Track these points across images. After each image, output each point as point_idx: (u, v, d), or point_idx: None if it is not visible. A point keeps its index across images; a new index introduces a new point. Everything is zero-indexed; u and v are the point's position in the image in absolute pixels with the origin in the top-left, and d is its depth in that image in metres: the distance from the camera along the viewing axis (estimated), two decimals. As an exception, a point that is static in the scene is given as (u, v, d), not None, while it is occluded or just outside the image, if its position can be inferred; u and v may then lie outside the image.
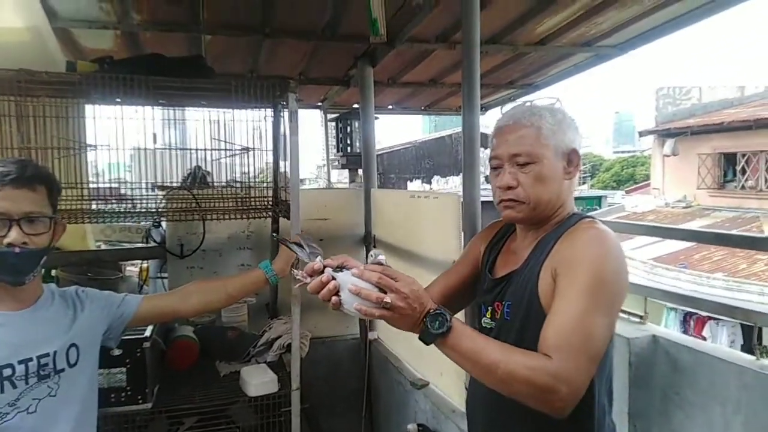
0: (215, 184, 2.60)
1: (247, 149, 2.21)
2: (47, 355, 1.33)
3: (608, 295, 1.08)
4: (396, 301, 1.02)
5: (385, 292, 1.02)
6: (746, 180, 10.97)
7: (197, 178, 2.68)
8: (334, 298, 1.06)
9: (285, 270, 1.99)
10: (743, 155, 10.99)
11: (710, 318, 7.41)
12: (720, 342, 7.51)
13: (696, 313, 7.42)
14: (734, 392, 1.94)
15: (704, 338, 7.63)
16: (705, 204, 11.39)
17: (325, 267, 1.09)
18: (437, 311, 1.05)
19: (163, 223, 2.77)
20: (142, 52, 2.77)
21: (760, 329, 2.01)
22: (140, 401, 1.96)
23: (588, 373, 1.03)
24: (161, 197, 2.43)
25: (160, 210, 2.43)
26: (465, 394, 1.98)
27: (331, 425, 2.84)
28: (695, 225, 9.78)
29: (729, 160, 11.44)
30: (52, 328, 1.38)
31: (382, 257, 1.10)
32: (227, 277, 2.16)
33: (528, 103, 1.29)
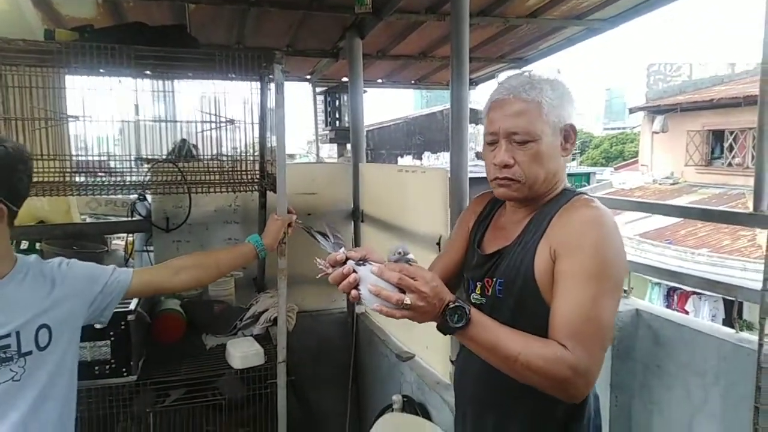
0: (202, 157, 2.57)
1: (231, 121, 2.17)
2: (8, 336, 1.24)
3: (612, 278, 1.08)
4: (416, 301, 1.00)
5: (404, 292, 1.01)
6: (733, 157, 11.04)
7: (183, 151, 2.65)
8: (353, 292, 1.06)
9: (274, 245, 1.99)
10: (731, 132, 11.04)
11: (693, 293, 7.54)
12: (702, 316, 7.66)
13: (679, 288, 7.54)
14: (713, 364, 1.98)
15: (687, 312, 7.77)
16: (692, 181, 11.48)
17: (347, 259, 1.09)
18: (456, 305, 1.03)
19: (149, 197, 2.75)
20: (124, 21, 2.70)
21: (740, 304, 2.04)
22: (125, 374, 1.97)
23: (601, 362, 1.05)
24: (147, 170, 2.40)
25: (145, 183, 2.41)
26: (450, 367, 2.02)
27: (318, 397, 2.88)
28: (682, 201, 9.87)
29: (717, 137, 11.49)
30: (19, 307, 1.27)
31: (411, 255, 1.08)
32: (217, 251, 2.17)
33: (527, 73, 1.20)
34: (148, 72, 2.44)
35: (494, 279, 1.22)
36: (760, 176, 2.05)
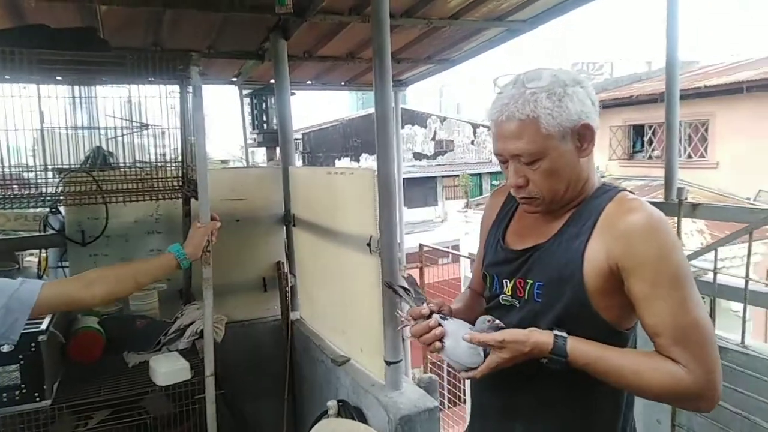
0: (119, 165, 2.45)
1: (146, 126, 2.07)
2: None
3: (690, 277, 1.04)
4: (499, 359, 1.07)
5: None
6: (653, 150, 11.70)
7: (98, 159, 2.51)
8: (437, 344, 1.12)
9: (197, 253, 1.91)
10: (650, 127, 11.70)
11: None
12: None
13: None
14: (639, 346, 2.06)
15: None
16: (616, 174, 12.07)
17: (431, 313, 1.15)
18: (551, 356, 1.04)
19: (62, 209, 2.58)
20: (25, 23, 2.52)
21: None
22: (37, 398, 1.84)
23: (717, 364, 1.00)
24: (59, 181, 2.26)
25: (57, 195, 2.26)
26: (385, 368, 2.01)
27: (254, 409, 2.80)
28: (607, 194, 10.33)
29: (638, 131, 12.14)
30: None
31: (498, 322, 1.13)
32: (134, 263, 2.06)
33: (520, 80, 1.09)
34: (59, 78, 2.30)
35: (529, 281, 1.14)
36: (669, 167, 2.17)
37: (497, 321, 1.11)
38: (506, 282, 1.19)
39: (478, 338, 1.08)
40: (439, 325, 1.13)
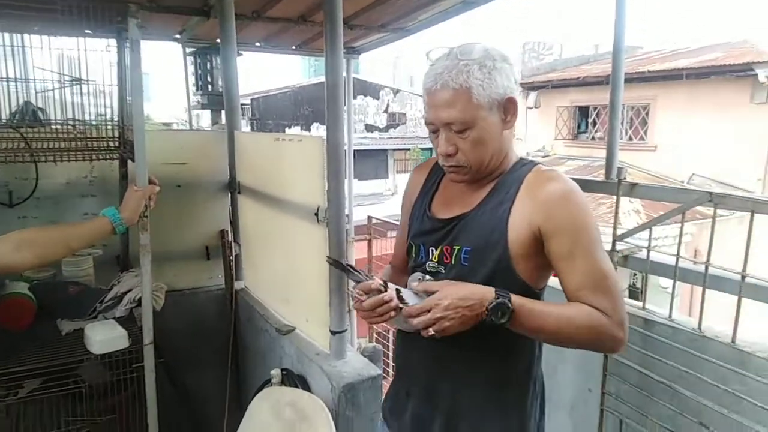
0: (51, 122, 2.30)
1: (79, 81, 1.94)
2: None
3: (599, 235, 1.16)
4: (443, 313, 1.07)
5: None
6: (596, 131, 12.09)
7: (26, 115, 2.35)
8: (391, 313, 1.12)
9: (133, 218, 1.83)
10: (594, 108, 12.05)
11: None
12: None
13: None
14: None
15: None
16: (561, 154, 12.43)
17: (383, 285, 1.13)
18: (496, 303, 1.07)
19: (-14, 168, 2.41)
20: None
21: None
22: (-41, 368, 1.73)
23: (625, 309, 1.13)
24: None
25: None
26: (329, 337, 2.01)
27: (196, 378, 2.76)
28: (552, 172, 10.64)
29: (583, 112, 12.49)
30: None
31: (428, 277, 1.15)
32: (66, 225, 1.96)
33: (454, 52, 1.15)
34: (-17, 24, 2.12)
35: (457, 247, 1.20)
36: (611, 147, 2.23)
37: (428, 276, 1.18)
38: (432, 250, 1.25)
39: (426, 286, 1.12)
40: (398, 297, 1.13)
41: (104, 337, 1.95)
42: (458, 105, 1.12)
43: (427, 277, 1.19)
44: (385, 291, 1.12)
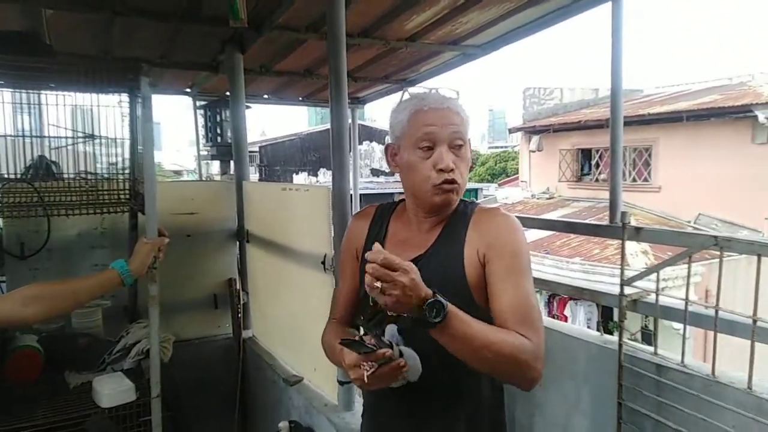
0: (63, 175, 2.35)
1: (92, 136, 2.00)
2: None
3: (530, 270, 1.23)
4: (392, 290, 1.03)
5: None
6: (600, 173, 12.17)
7: (40, 169, 2.41)
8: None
9: (141, 270, 1.84)
10: (597, 151, 12.17)
11: (571, 298, 8.14)
12: (578, 320, 8.28)
13: (558, 295, 8.10)
14: (583, 366, 2.12)
15: (566, 317, 8.38)
16: (566, 195, 12.48)
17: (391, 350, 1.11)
18: (434, 299, 1.05)
19: (0, 221, 2.45)
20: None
21: (609, 307, 2.22)
22: (-34, 423, 1.72)
23: (544, 346, 1.16)
24: (-4, 191, 2.15)
25: (-7, 205, 2.15)
26: (338, 388, 1.98)
27: (203, 429, 2.71)
28: (557, 214, 10.67)
29: (585, 155, 12.61)
30: None
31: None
32: (74, 279, 1.96)
33: (438, 91, 1.28)
34: (0, 82, 2.20)
35: None
36: (614, 191, 2.25)
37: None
38: None
39: (388, 258, 1.04)
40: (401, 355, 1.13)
41: (112, 390, 1.93)
42: (461, 125, 1.23)
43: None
44: (395, 356, 1.11)
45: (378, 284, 1.03)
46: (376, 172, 18.33)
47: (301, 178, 17.63)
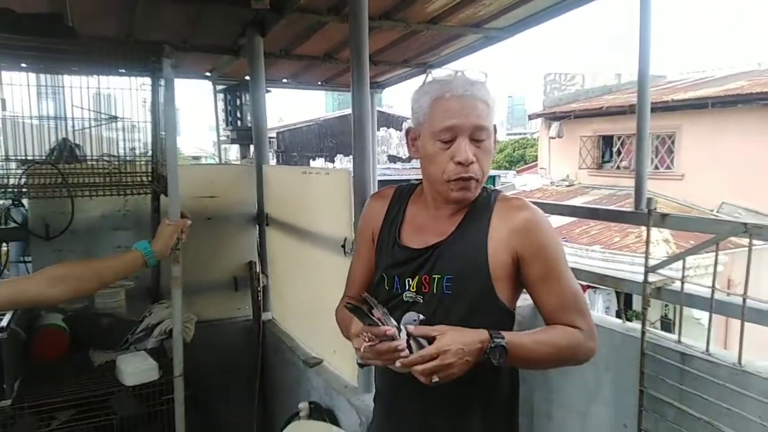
0: (87, 158, 2.38)
1: (114, 119, 2.02)
2: None
3: (567, 260, 1.24)
4: (450, 359, 1.06)
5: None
6: (621, 161, 11.98)
7: (64, 152, 2.44)
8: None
9: (165, 251, 1.86)
10: (619, 138, 11.97)
11: (589, 286, 8.07)
12: (596, 308, 8.22)
13: (577, 282, 8.01)
14: (604, 353, 2.10)
15: (584, 305, 8.32)
16: (586, 183, 12.31)
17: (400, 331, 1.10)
18: (493, 345, 1.08)
19: (25, 202, 2.50)
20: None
21: (630, 295, 2.19)
22: (-3, 398, 1.77)
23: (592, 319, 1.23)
24: (22, 172, 2.18)
25: (20, 186, 2.18)
26: (357, 370, 1.99)
27: (224, 410, 2.75)
28: (577, 202, 10.55)
29: (607, 142, 12.41)
30: None
31: (411, 322, 1.15)
32: (99, 260, 1.99)
33: (464, 73, 1.21)
34: (24, 65, 2.22)
35: (437, 275, 1.20)
36: (639, 177, 2.21)
37: (422, 316, 1.19)
38: (408, 280, 1.24)
39: (424, 330, 1.10)
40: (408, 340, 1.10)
41: (136, 369, 1.97)
42: (485, 114, 1.18)
43: (421, 316, 1.18)
44: (398, 337, 1.08)
45: (436, 378, 1.06)
46: (393, 159, 18.27)
47: (318, 165, 17.64)
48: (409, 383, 1.18)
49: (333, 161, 17.93)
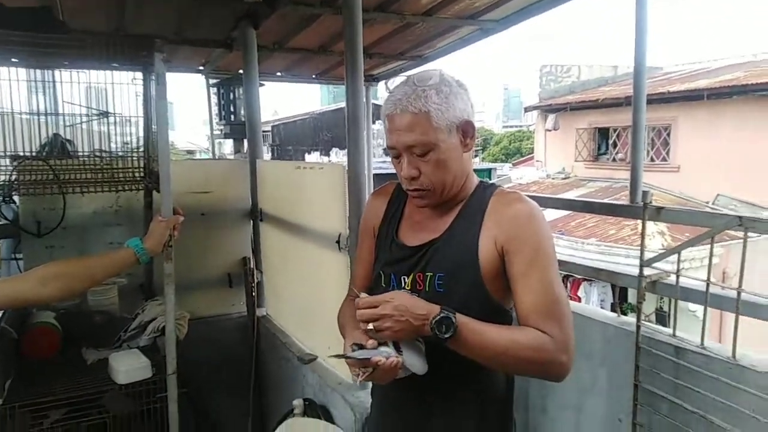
0: (78, 153, 2.36)
1: (106, 114, 1.99)
2: None
3: (556, 261, 1.19)
4: (385, 324, 1.07)
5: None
6: (617, 153, 11.98)
7: (55, 147, 2.41)
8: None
9: (157, 248, 1.84)
10: (614, 130, 11.97)
11: (585, 279, 8.09)
12: (591, 301, 8.24)
13: (572, 275, 8.05)
14: (599, 347, 2.10)
15: (580, 298, 8.34)
16: (581, 175, 12.32)
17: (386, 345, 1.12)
18: (441, 316, 1.06)
19: (17, 198, 2.47)
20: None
21: (625, 289, 2.18)
22: (-14, 397, 1.75)
23: (573, 335, 1.14)
24: (12, 168, 2.16)
25: (10, 183, 2.16)
26: (351, 366, 1.99)
27: (218, 407, 2.75)
28: (572, 194, 10.56)
29: (603, 134, 12.41)
30: None
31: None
32: (90, 258, 1.97)
33: (411, 81, 1.19)
34: (15, 60, 2.19)
35: (430, 273, 1.20)
36: (635, 170, 2.20)
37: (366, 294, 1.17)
38: (404, 278, 1.25)
39: (369, 300, 1.10)
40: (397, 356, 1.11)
41: (128, 367, 1.96)
42: (418, 128, 1.14)
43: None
44: (386, 357, 1.09)
45: (370, 326, 1.06)
46: (388, 152, 18.22)
47: (313, 158, 17.59)
48: (405, 381, 1.20)
49: (328, 154, 17.88)
